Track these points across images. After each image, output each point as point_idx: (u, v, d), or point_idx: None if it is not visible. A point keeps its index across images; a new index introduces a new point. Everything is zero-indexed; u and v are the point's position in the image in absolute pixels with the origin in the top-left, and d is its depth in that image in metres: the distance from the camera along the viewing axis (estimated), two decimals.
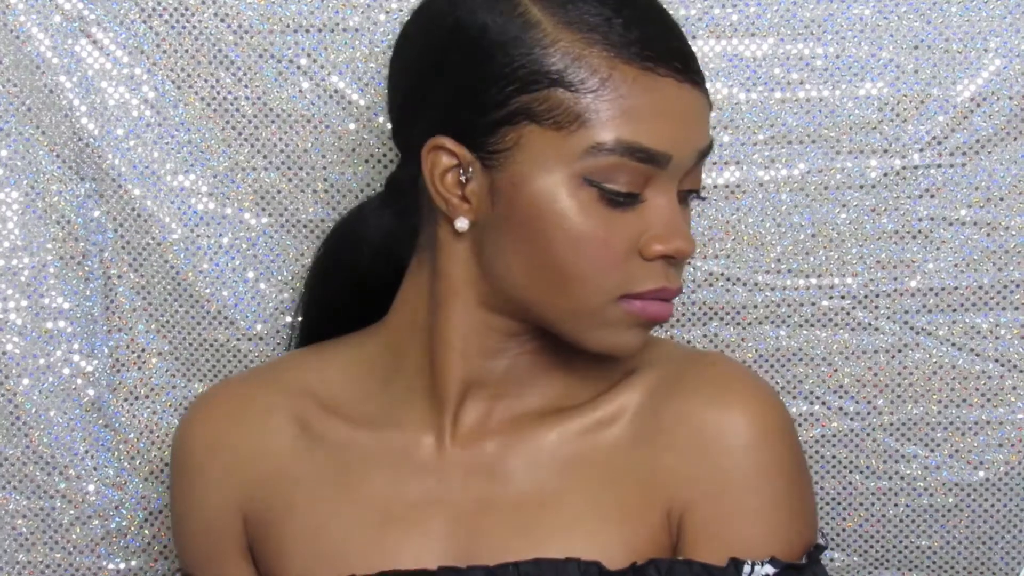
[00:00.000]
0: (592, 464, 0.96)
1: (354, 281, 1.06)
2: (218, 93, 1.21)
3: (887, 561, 1.28)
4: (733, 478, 0.94)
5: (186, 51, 1.20)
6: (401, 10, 1.19)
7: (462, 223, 0.93)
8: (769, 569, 0.92)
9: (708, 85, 1.18)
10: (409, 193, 0.98)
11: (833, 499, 1.27)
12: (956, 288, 1.22)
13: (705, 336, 1.24)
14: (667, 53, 0.89)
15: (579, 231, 0.89)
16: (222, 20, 1.20)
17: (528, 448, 0.98)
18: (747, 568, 0.92)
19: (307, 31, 1.20)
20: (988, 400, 1.24)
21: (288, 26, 1.20)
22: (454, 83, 0.91)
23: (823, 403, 1.25)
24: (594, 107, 0.88)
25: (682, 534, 0.95)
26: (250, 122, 1.21)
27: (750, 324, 1.24)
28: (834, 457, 1.26)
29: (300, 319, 1.13)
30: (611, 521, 0.95)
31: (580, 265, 0.89)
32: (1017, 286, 1.21)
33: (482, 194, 0.92)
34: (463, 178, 0.92)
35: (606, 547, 0.93)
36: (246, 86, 1.21)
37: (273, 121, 1.21)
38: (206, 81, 1.21)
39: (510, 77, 0.88)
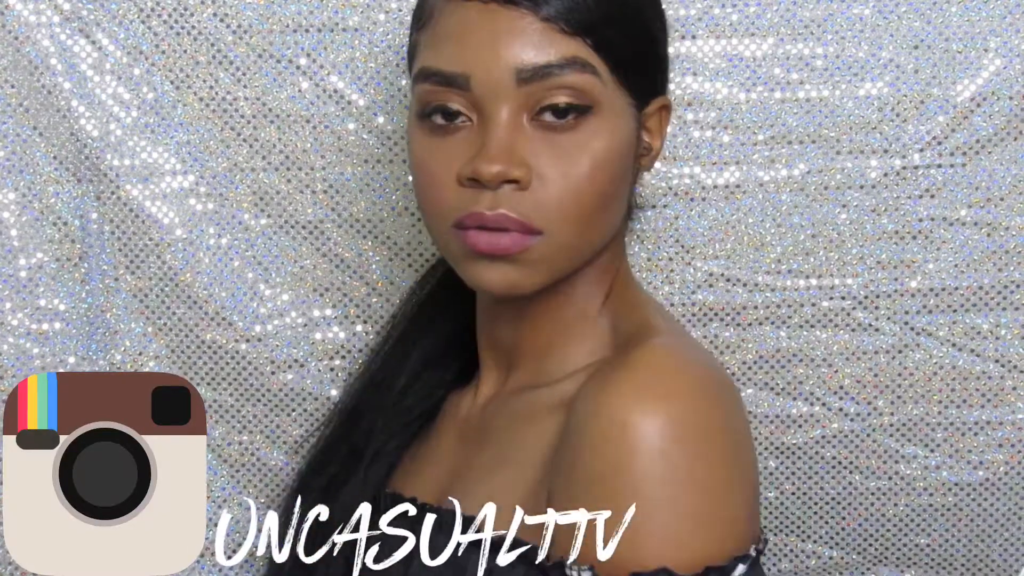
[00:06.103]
0: (524, 447, 0.93)
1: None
2: (217, 93, 1.21)
3: (885, 559, 1.28)
4: (636, 484, 0.82)
5: (185, 51, 1.20)
6: (400, 10, 1.18)
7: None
8: None
9: (708, 85, 1.20)
10: None
11: (833, 499, 1.27)
12: (956, 288, 1.21)
13: (705, 337, 1.24)
14: None
15: (413, 161, 0.94)
16: (221, 20, 1.19)
17: (505, 416, 0.98)
18: None
19: (306, 31, 1.19)
20: (988, 400, 1.24)
21: (287, 26, 1.19)
22: None
23: (823, 404, 1.24)
24: (417, 42, 0.94)
25: (584, 532, 0.82)
26: (249, 122, 1.21)
27: (750, 325, 1.23)
28: (834, 458, 1.26)
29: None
30: (514, 500, 0.87)
31: (418, 193, 0.94)
32: (1017, 286, 1.21)
33: None
34: None
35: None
36: (245, 86, 1.20)
37: (272, 121, 1.21)
38: (205, 81, 1.20)
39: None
